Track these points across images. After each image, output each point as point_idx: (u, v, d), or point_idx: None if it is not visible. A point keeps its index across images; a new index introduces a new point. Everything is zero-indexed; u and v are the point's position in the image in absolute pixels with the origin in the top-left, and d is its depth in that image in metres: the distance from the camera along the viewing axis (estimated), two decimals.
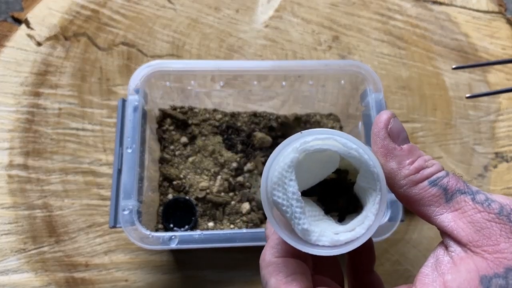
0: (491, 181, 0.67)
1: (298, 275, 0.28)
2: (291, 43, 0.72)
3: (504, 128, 0.70)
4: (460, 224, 0.26)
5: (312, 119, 0.64)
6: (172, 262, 0.59)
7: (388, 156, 0.28)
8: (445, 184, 0.27)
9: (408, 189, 0.27)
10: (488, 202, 0.26)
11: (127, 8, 0.71)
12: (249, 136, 0.62)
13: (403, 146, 0.28)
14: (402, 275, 0.61)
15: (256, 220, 0.57)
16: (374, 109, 0.53)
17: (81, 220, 0.60)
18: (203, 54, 0.70)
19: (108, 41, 0.69)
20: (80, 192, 0.61)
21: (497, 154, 0.68)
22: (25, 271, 0.57)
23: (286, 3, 0.74)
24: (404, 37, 0.73)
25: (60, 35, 0.68)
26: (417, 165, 0.27)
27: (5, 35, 0.67)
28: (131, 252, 0.59)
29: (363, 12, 0.74)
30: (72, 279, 0.57)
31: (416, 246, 0.62)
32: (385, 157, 0.28)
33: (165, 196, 0.58)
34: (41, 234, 0.59)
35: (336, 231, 0.29)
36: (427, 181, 0.27)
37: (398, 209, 0.49)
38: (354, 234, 0.28)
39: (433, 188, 0.27)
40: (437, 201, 0.27)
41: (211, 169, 0.60)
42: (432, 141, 0.68)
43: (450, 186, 0.27)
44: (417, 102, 0.70)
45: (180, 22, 0.71)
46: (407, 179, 0.27)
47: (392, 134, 0.28)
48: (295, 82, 0.58)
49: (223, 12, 0.72)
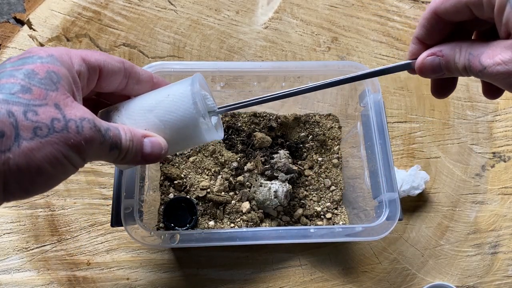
0: (489, 180, 0.67)
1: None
2: (291, 44, 0.72)
3: (501, 128, 0.70)
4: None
5: (311, 119, 0.65)
6: (173, 261, 0.59)
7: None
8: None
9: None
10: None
11: (128, 9, 0.71)
12: (249, 136, 0.62)
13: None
14: (401, 273, 0.62)
15: (256, 219, 0.57)
16: (373, 109, 0.54)
17: (83, 219, 0.60)
18: (203, 55, 0.70)
19: (110, 42, 0.69)
20: (82, 191, 0.61)
21: (494, 154, 0.69)
22: (27, 269, 0.57)
23: (286, 4, 0.75)
24: (403, 38, 0.74)
25: (62, 36, 0.69)
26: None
27: (8, 36, 0.68)
28: (133, 250, 0.59)
29: (362, 13, 0.75)
30: (74, 278, 0.58)
31: (414, 244, 0.63)
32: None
33: (166, 195, 0.59)
34: (43, 233, 0.59)
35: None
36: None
37: (396, 208, 0.50)
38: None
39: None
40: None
41: (212, 168, 0.60)
42: (430, 141, 0.68)
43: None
44: (415, 102, 0.71)
45: (181, 23, 0.71)
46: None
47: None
48: (294, 83, 0.58)
49: (224, 14, 0.73)
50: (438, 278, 0.62)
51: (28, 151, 0.27)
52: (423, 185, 0.62)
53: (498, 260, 0.64)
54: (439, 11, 0.33)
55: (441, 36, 0.35)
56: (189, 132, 0.38)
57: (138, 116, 0.37)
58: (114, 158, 0.34)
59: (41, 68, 0.30)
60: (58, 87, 0.30)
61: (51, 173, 0.29)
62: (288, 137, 0.64)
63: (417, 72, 0.36)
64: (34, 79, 0.29)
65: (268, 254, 0.61)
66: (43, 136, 0.28)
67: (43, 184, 0.30)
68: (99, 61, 0.35)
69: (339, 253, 0.62)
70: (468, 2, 0.31)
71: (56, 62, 0.31)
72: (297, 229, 0.51)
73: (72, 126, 0.29)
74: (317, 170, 0.63)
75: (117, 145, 0.33)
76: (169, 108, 0.37)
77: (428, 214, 0.65)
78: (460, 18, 0.33)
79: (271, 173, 0.58)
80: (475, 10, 0.31)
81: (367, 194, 0.55)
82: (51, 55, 0.31)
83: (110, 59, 0.36)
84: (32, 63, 0.30)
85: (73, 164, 0.31)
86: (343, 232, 0.50)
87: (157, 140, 0.36)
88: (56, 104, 0.29)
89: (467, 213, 0.65)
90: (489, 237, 0.65)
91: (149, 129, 0.37)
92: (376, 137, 0.53)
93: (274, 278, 0.60)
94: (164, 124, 0.37)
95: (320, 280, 0.60)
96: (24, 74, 0.29)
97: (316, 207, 0.60)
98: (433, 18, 0.34)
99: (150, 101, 0.38)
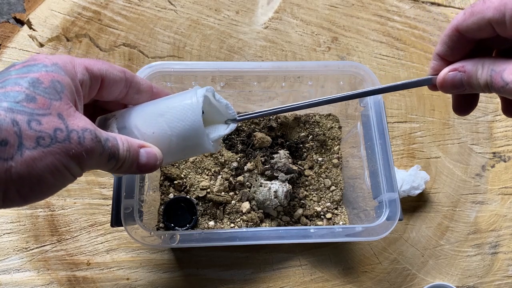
0: (489, 180, 0.67)
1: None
2: (291, 44, 0.72)
3: (501, 128, 0.70)
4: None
5: (311, 119, 0.65)
6: (173, 261, 0.59)
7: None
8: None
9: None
10: None
11: (128, 9, 0.71)
12: (249, 136, 0.62)
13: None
14: (401, 273, 0.62)
15: (256, 219, 0.57)
16: (373, 109, 0.54)
17: (83, 219, 0.60)
18: (203, 55, 0.70)
19: (110, 42, 0.69)
20: (82, 191, 0.61)
21: (494, 154, 0.69)
22: (27, 269, 0.57)
23: (286, 4, 0.75)
24: (403, 38, 0.74)
25: (62, 36, 0.69)
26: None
27: (7, 36, 0.68)
28: (133, 250, 0.59)
29: (362, 13, 0.75)
30: (74, 278, 0.57)
31: (414, 244, 0.63)
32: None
33: (166, 195, 0.59)
34: (43, 233, 0.59)
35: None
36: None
37: (396, 208, 0.50)
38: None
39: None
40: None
41: (212, 168, 0.60)
42: (430, 141, 0.68)
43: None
44: (415, 102, 0.70)
45: (181, 23, 0.71)
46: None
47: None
48: (294, 83, 0.58)
49: (224, 14, 0.73)
50: (438, 278, 0.62)
51: (30, 161, 0.28)
52: (423, 185, 0.62)
53: (498, 260, 0.64)
54: (461, 28, 0.33)
55: (462, 53, 0.35)
56: (194, 142, 0.39)
57: (148, 119, 0.38)
58: (111, 168, 0.35)
59: (46, 77, 0.30)
60: (62, 96, 0.30)
61: (51, 182, 0.30)
62: (288, 137, 0.64)
63: (439, 87, 0.36)
64: (38, 88, 0.30)
65: (268, 254, 0.61)
66: (46, 146, 0.28)
67: (42, 192, 0.30)
68: (101, 71, 0.36)
69: (339, 253, 0.62)
70: (491, 20, 0.31)
71: (60, 71, 0.32)
72: (297, 229, 0.51)
73: (74, 136, 0.30)
74: (317, 170, 0.63)
75: (114, 155, 0.34)
76: (179, 116, 0.38)
77: (428, 214, 0.65)
78: (482, 35, 0.33)
79: (271, 173, 0.58)
80: (497, 27, 0.31)
81: (367, 194, 0.55)
82: (55, 63, 0.32)
83: (112, 68, 0.37)
84: (37, 72, 0.30)
85: (72, 174, 0.31)
86: (343, 232, 0.50)
87: (153, 151, 0.37)
88: (59, 114, 0.30)
89: (467, 213, 0.65)
90: (489, 237, 0.64)
91: (156, 132, 0.38)
92: (376, 137, 0.53)
93: (274, 278, 0.60)
94: (172, 130, 0.38)
95: (320, 280, 0.60)
96: (29, 82, 0.30)
97: (316, 207, 0.60)
98: (454, 35, 0.34)
99: (161, 106, 0.39)
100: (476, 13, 0.31)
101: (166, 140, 0.38)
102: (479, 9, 0.31)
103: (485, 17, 0.31)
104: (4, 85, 0.29)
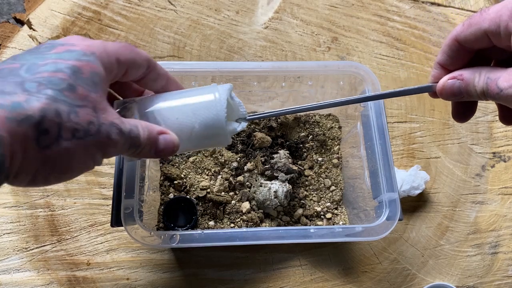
0: (489, 180, 0.67)
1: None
2: (291, 44, 0.72)
3: (501, 128, 0.70)
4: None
5: (311, 119, 0.65)
6: (173, 261, 0.59)
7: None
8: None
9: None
10: None
11: (128, 9, 0.71)
12: (249, 136, 0.62)
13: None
14: (401, 273, 0.62)
15: (256, 219, 0.57)
16: (373, 109, 0.54)
17: (83, 219, 0.60)
18: (203, 55, 0.70)
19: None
20: (82, 191, 0.61)
21: (494, 154, 0.69)
22: (27, 269, 0.57)
23: (286, 4, 0.75)
24: (403, 38, 0.74)
25: (62, 36, 0.69)
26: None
27: (7, 36, 0.68)
28: (133, 251, 0.59)
29: (362, 13, 0.75)
30: (74, 278, 0.58)
31: (414, 244, 0.63)
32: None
33: (166, 196, 0.59)
34: (43, 233, 0.59)
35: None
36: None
37: (396, 208, 0.50)
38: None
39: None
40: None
41: (212, 168, 0.60)
42: (430, 141, 0.68)
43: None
44: (415, 102, 0.70)
45: (181, 23, 0.71)
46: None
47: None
48: (294, 83, 0.58)
49: (224, 14, 0.73)
50: (438, 278, 0.62)
51: (64, 151, 0.29)
52: (423, 185, 0.62)
53: (498, 260, 0.64)
54: (460, 38, 0.35)
55: (462, 63, 0.37)
56: (215, 132, 0.41)
57: (173, 105, 0.40)
58: (130, 154, 0.36)
59: (86, 68, 0.31)
60: (98, 90, 0.32)
61: (76, 170, 0.31)
62: (288, 137, 0.64)
63: (438, 94, 0.38)
64: (80, 78, 0.31)
65: (268, 254, 0.61)
66: (79, 138, 0.30)
67: (64, 179, 0.32)
68: (128, 61, 0.36)
69: (339, 253, 0.62)
70: (487, 31, 0.32)
71: (97, 63, 0.32)
72: (297, 229, 0.51)
73: (103, 130, 0.31)
74: (317, 170, 0.63)
75: (135, 143, 0.35)
76: (205, 105, 0.40)
77: (428, 214, 0.65)
78: (479, 45, 0.35)
79: (271, 173, 0.58)
80: (493, 38, 0.33)
81: (367, 194, 0.55)
82: (93, 53, 0.32)
83: (138, 57, 0.37)
84: (77, 60, 0.31)
85: (95, 163, 0.33)
86: (343, 232, 0.50)
87: (171, 138, 0.38)
88: (94, 107, 0.31)
89: (467, 213, 0.65)
90: (489, 237, 0.65)
91: (179, 118, 0.39)
92: (376, 137, 0.53)
93: (274, 278, 0.60)
94: (196, 117, 0.40)
95: (320, 280, 0.60)
96: (72, 70, 0.30)
97: (316, 207, 0.60)
98: (454, 45, 0.36)
99: (187, 96, 0.41)
100: (473, 24, 0.33)
101: (189, 126, 0.39)
102: (476, 21, 0.33)
103: (481, 28, 0.33)
104: (47, 69, 0.30)
